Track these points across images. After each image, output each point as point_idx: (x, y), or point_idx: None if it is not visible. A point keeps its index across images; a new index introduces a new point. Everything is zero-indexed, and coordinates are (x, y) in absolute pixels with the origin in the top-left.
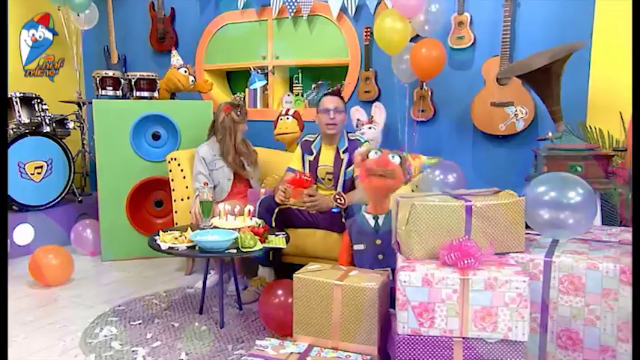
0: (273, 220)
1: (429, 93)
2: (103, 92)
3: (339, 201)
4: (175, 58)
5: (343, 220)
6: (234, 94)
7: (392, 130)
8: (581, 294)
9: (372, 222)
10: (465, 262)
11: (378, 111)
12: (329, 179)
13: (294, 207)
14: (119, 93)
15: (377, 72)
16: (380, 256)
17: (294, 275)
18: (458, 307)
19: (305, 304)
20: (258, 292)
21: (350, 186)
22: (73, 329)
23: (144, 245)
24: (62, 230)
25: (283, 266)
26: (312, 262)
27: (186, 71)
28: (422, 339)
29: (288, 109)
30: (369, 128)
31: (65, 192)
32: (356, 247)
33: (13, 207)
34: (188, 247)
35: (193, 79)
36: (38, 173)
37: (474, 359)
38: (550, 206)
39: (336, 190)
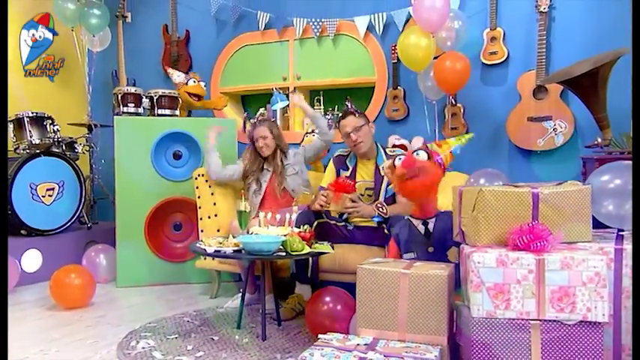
0: None
1: (461, 110)
2: (125, 109)
3: (381, 210)
4: (176, 75)
5: (386, 231)
6: (249, 119)
7: None
8: None
9: (421, 228)
10: (537, 244)
11: (419, 144)
12: (369, 195)
13: (334, 213)
14: (140, 110)
15: (405, 90)
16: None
17: (357, 266)
18: (534, 288)
19: (369, 296)
20: (296, 309)
21: (391, 203)
22: (104, 344)
23: (162, 271)
24: (71, 257)
25: (320, 284)
26: (350, 279)
27: (194, 81)
28: (497, 322)
29: (314, 129)
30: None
31: (76, 216)
32: (406, 256)
33: (22, 231)
34: (235, 251)
35: (205, 83)
36: (50, 195)
37: (552, 343)
38: (615, 195)
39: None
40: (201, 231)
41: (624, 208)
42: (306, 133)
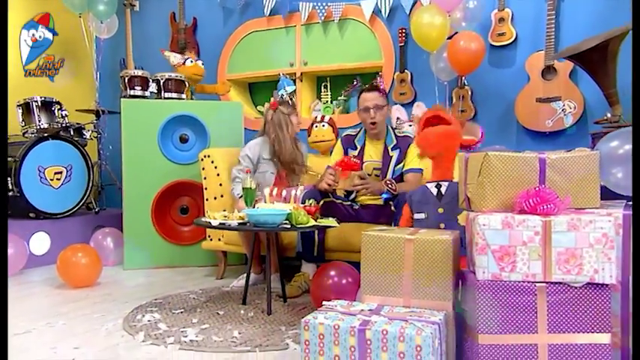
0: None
1: (469, 92)
2: (131, 92)
3: (390, 186)
4: (172, 57)
5: (393, 209)
6: (255, 106)
7: None
8: None
9: (434, 190)
10: (545, 207)
11: (420, 110)
12: (376, 175)
13: (341, 192)
14: (147, 93)
15: (412, 74)
16: (442, 225)
17: (362, 233)
18: (540, 250)
19: (374, 262)
20: (302, 287)
21: (399, 182)
22: (111, 318)
23: (168, 254)
24: (79, 240)
25: (327, 263)
26: (356, 257)
27: (191, 60)
28: (503, 284)
29: (323, 117)
30: (410, 126)
31: (84, 200)
32: (417, 215)
33: (30, 214)
34: (240, 224)
35: (202, 62)
36: (57, 179)
37: (558, 305)
38: (625, 162)
39: None
40: (207, 212)
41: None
42: (314, 122)
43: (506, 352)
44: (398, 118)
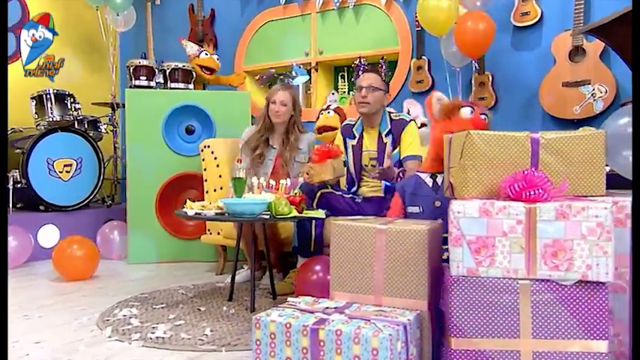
0: (314, 205)
1: (490, 78)
2: (137, 82)
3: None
4: (189, 47)
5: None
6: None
7: None
8: None
9: (429, 181)
10: (531, 193)
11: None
12: (372, 165)
13: (322, 184)
14: (153, 83)
15: (430, 60)
16: (440, 220)
17: (331, 222)
18: (523, 242)
19: (343, 255)
20: (295, 284)
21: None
22: (91, 312)
23: (173, 248)
24: (88, 234)
25: None
26: None
27: (207, 53)
28: (480, 281)
29: (329, 105)
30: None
31: (94, 193)
32: (410, 209)
33: (40, 207)
34: (217, 214)
35: (217, 56)
36: (67, 172)
37: (544, 306)
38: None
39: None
40: (209, 203)
41: None
42: (321, 110)
43: (482, 358)
44: (408, 112)
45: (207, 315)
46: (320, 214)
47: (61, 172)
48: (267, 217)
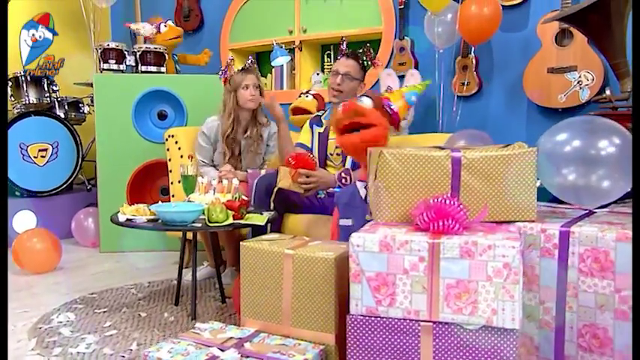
0: (271, 201)
1: (473, 62)
2: (105, 66)
3: (344, 180)
4: (142, 29)
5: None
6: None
7: (430, 107)
8: (609, 275)
9: (362, 192)
10: (441, 224)
11: (413, 80)
12: (337, 154)
13: (294, 188)
14: (122, 67)
15: (413, 41)
16: None
17: (240, 243)
18: (426, 281)
19: (253, 280)
20: None
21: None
22: (31, 315)
23: (148, 237)
24: (66, 220)
25: None
26: None
27: (164, 25)
28: (379, 321)
29: (309, 90)
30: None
31: (71, 178)
32: (342, 222)
33: (16, 192)
34: (149, 220)
35: (164, 27)
36: (42, 157)
37: (447, 351)
38: (573, 161)
39: (344, 167)
40: (172, 196)
41: (588, 177)
42: (301, 93)
43: None
44: (389, 87)
45: (144, 323)
46: (261, 219)
47: (35, 157)
48: (200, 225)
